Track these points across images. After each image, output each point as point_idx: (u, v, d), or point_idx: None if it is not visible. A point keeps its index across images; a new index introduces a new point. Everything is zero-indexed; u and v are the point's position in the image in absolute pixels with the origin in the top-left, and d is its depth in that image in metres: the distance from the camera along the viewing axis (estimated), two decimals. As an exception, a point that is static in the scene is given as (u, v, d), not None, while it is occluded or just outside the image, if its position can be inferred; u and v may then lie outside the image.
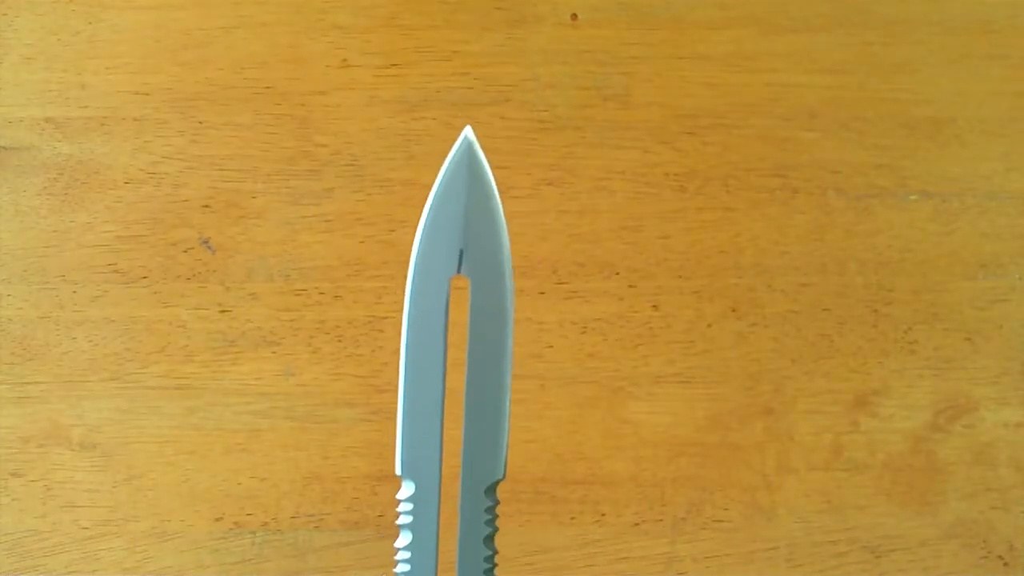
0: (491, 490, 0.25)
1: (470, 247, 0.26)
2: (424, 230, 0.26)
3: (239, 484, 0.48)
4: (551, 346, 0.48)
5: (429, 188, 0.49)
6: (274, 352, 0.48)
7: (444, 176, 0.26)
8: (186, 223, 0.49)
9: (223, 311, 0.48)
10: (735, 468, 0.48)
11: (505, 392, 0.25)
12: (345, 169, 0.49)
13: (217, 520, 0.48)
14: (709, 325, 0.49)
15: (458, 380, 0.27)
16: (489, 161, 0.26)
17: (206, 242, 0.49)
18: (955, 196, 0.50)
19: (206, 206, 0.49)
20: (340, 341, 0.48)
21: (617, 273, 0.49)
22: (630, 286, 0.49)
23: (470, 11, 0.50)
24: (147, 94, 0.49)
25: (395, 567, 0.25)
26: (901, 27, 0.50)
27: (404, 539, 0.25)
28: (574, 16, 0.50)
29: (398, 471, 0.25)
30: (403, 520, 0.25)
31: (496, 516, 0.25)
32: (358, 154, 0.49)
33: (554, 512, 0.47)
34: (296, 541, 0.47)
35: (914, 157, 0.50)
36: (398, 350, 0.48)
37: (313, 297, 0.48)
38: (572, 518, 0.48)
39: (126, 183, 0.49)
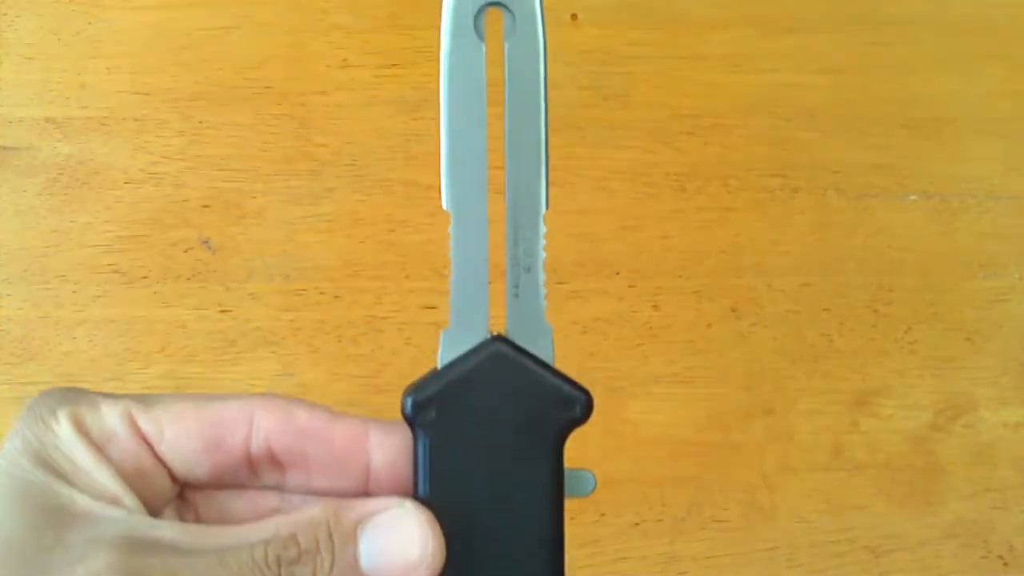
0: (536, 221, 0.26)
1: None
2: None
3: (239, 484, 0.48)
4: (551, 346, 0.48)
5: (429, 188, 0.49)
6: (274, 352, 0.48)
7: None
8: (186, 223, 0.49)
9: (223, 311, 0.48)
10: (735, 468, 0.48)
11: (541, 122, 0.26)
12: (345, 169, 0.49)
13: (217, 520, 0.48)
14: (709, 325, 0.49)
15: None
16: (489, 162, 0.26)
17: (206, 242, 0.49)
18: (955, 196, 0.50)
19: (206, 206, 0.49)
20: (340, 341, 0.48)
21: (617, 273, 0.49)
22: (630, 286, 0.49)
23: (470, 11, 0.50)
24: (147, 94, 0.49)
25: (449, 300, 0.26)
26: (901, 27, 0.50)
27: (454, 272, 0.26)
28: (574, 16, 0.50)
29: (444, 205, 0.26)
30: (452, 253, 0.26)
31: (544, 245, 0.26)
32: (358, 154, 0.49)
33: (554, 512, 0.47)
34: (296, 541, 0.47)
35: (914, 157, 0.50)
36: (398, 350, 0.48)
37: (313, 297, 0.48)
38: (572, 518, 0.47)
39: (126, 183, 0.49)
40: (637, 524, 0.48)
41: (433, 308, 0.48)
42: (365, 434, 0.26)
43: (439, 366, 0.26)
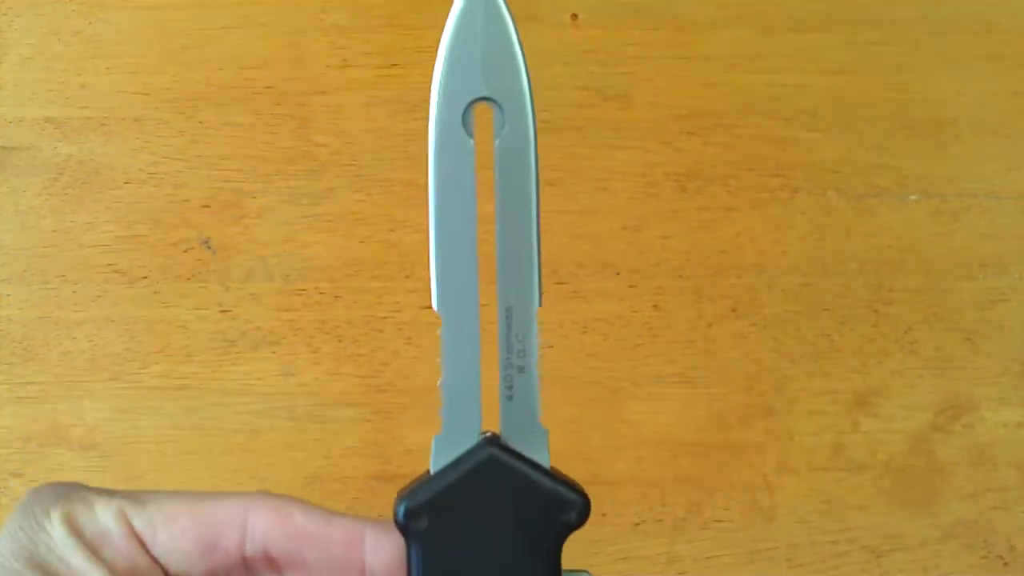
0: (529, 320, 0.25)
1: (490, 79, 0.26)
2: (442, 71, 0.26)
3: (239, 484, 0.48)
4: (551, 346, 0.48)
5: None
6: (274, 352, 0.48)
7: (457, 20, 0.26)
8: (186, 223, 0.49)
9: (223, 311, 0.48)
10: (735, 468, 0.48)
11: (533, 220, 0.25)
12: (345, 169, 0.49)
13: (217, 520, 0.48)
14: (709, 325, 0.49)
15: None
16: (489, 162, 0.26)
17: (206, 242, 0.49)
18: (955, 196, 0.50)
19: (206, 206, 0.49)
20: (340, 341, 0.48)
21: (617, 273, 0.49)
22: (630, 286, 0.49)
23: (470, 11, 0.50)
24: (147, 94, 0.49)
25: (440, 408, 0.25)
26: (901, 27, 0.50)
27: (445, 375, 0.25)
28: (574, 16, 0.50)
29: (435, 306, 0.25)
30: (443, 355, 0.25)
31: (538, 345, 0.25)
32: (358, 154, 0.49)
33: (554, 512, 0.47)
34: (296, 541, 0.47)
35: (914, 157, 0.50)
36: (398, 350, 0.48)
37: (313, 297, 0.48)
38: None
39: (126, 183, 0.49)
40: (637, 524, 0.48)
41: (433, 308, 0.48)
42: (362, 536, 0.26)
43: (431, 471, 0.25)
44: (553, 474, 0.25)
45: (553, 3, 0.50)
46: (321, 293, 0.48)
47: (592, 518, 0.50)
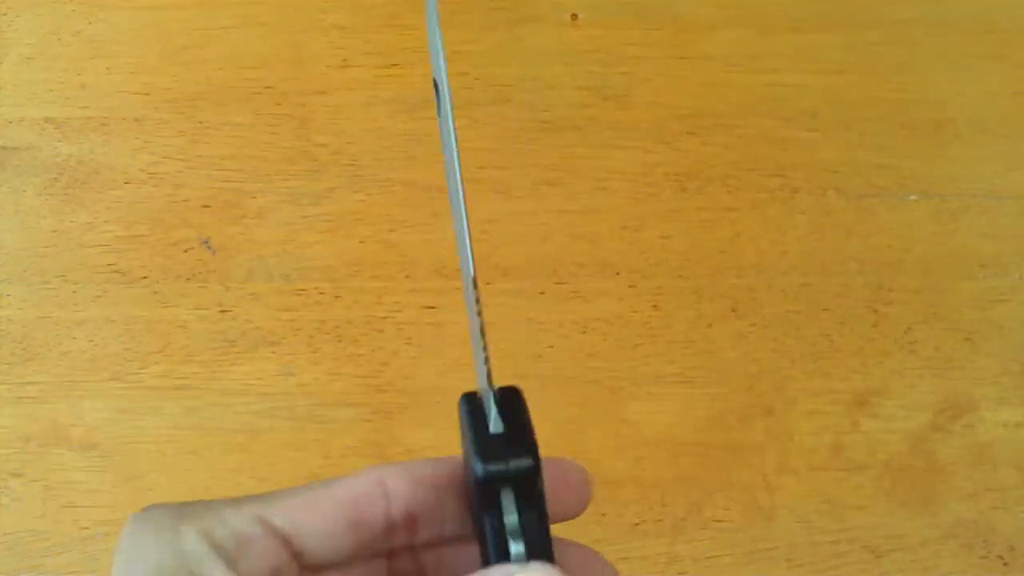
0: (468, 287, 0.27)
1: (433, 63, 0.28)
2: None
3: (239, 484, 0.48)
4: (551, 346, 0.48)
5: (429, 189, 0.49)
6: (274, 352, 0.48)
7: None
8: (186, 223, 0.49)
9: (223, 311, 0.48)
10: (735, 468, 0.48)
11: (459, 193, 0.27)
12: (345, 169, 0.49)
13: (217, 520, 0.48)
14: (709, 325, 0.49)
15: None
16: (489, 161, 0.27)
17: (206, 242, 0.49)
18: (955, 196, 0.50)
19: (206, 206, 0.49)
20: (340, 341, 0.48)
21: (617, 273, 0.49)
22: (630, 286, 0.49)
23: (470, 11, 0.50)
24: (147, 94, 0.49)
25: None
26: (901, 27, 0.50)
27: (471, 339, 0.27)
28: (574, 16, 0.50)
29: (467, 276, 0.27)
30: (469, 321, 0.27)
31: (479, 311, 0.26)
32: (358, 154, 0.49)
33: (554, 512, 0.47)
34: (296, 541, 0.47)
35: (914, 157, 0.50)
36: (398, 350, 0.48)
37: (313, 297, 0.48)
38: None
39: (126, 183, 0.49)
40: (637, 524, 0.48)
41: (433, 308, 0.48)
42: None
43: None
44: (487, 437, 0.26)
45: (553, 3, 0.50)
46: (321, 293, 0.48)
47: (592, 518, 0.50)
